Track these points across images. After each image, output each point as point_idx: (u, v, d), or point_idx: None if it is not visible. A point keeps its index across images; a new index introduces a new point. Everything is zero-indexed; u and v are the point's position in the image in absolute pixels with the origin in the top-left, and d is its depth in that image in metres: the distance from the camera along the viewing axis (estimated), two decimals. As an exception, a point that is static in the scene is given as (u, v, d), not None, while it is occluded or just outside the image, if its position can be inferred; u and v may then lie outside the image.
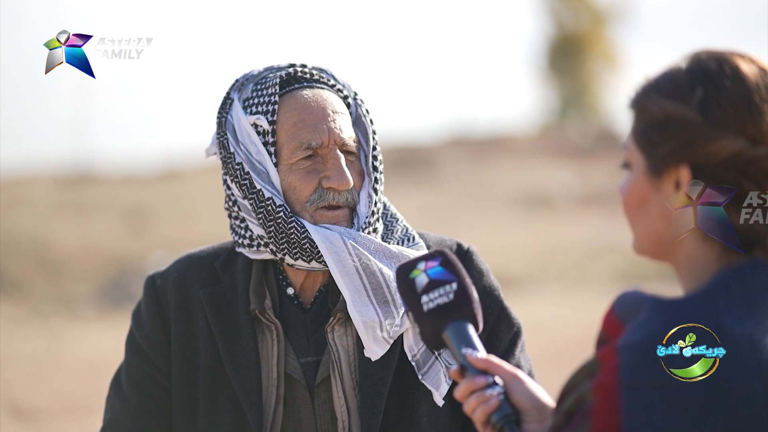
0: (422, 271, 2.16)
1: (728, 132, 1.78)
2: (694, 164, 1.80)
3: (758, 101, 1.79)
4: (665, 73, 1.85)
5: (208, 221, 19.22)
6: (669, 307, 1.75)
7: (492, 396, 2.04)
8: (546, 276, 17.10)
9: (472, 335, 2.11)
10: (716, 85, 1.80)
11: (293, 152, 2.63)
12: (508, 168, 26.36)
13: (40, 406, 10.39)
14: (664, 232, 1.84)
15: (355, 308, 2.59)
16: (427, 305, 2.13)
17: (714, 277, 1.78)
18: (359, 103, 2.72)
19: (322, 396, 2.64)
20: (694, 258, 1.83)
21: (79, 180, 23.84)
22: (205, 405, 2.67)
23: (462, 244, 2.74)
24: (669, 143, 1.81)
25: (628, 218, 1.89)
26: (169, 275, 2.74)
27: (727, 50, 1.85)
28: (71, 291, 16.48)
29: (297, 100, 2.65)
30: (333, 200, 2.63)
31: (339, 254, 2.60)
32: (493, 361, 2.07)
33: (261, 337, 2.66)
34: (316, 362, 2.66)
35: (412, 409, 2.64)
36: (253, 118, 2.64)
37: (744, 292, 1.76)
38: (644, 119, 1.84)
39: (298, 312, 2.69)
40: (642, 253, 1.89)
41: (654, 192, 1.84)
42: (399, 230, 2.72)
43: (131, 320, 2.76)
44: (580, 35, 38.76)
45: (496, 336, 2.69)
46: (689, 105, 1.80)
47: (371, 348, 2.60)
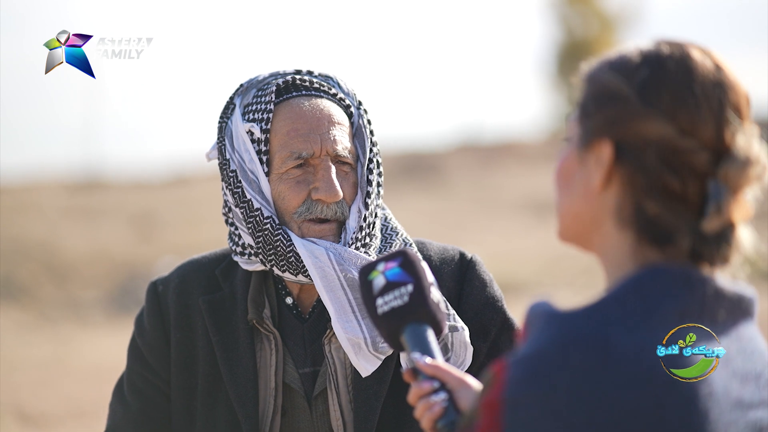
0: (380, 273, 2.12)
1: (659, 115, 1.72)
2: (619, 141, 1.74)
3: (699, 93, 1.73)
4: (623, 51, 1.80)
5: (215, 227, 19.22)
6: (559, 320, 1.69)
7: (436, 402, 2.01)
8: (554, 282, 17.06)
9: (429, 338, 2.07)
10: (661, 68, 1.74)
11: (284, 161, 2.60)
12: (516, 174, 26.34)
13: (48, 411, 10.39)
14: (585, 211, 1.79)
15: (339, 324, 2.56)
16: (381, 308, 2.08)
17: (614, 287, 1.71)
18: (361, 113, 2.67)
19: (319, 408, 2.62)
20: (611, 248, 1.77)
21: (88, 186, 23.86)
22: (203, 413, 2.65)
23: (465, 253, 2.71)
24: (600, 115, 1.76)
25: (556, 195, 1.83)
26: (170, 282, 2.72)
27: (693, 42, 1.79)
28: (79, 296, 16.49)
29: (292, 109, 2.62)
30: (321, 213, 2.60)
31: (324, 269, 2.57)
32: (440, 366, 2.04)
33: (259, 347, 2.64)
34: (313, 373, 2.63)
35: (407, 424, 2.61)
36: (248, 126, 2.61)
37: (640, 300, 1.69)
38: (588, 90, 1.80)
39: (297, 322, 2.66)
40: (565, 238, 1.84)
41: (579, 165, 1.78)
42: (397, 244, 2.68)
43: (134, 326, 2.75)
44: (589, 41, 38.72)
45: (498, 347, 2.66)
46: (630, 82, 1.75)
47: (359, 364, 2.57)
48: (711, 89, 1.74)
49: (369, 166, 2.65)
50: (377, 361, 2.57)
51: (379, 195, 2.67)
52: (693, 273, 1.72)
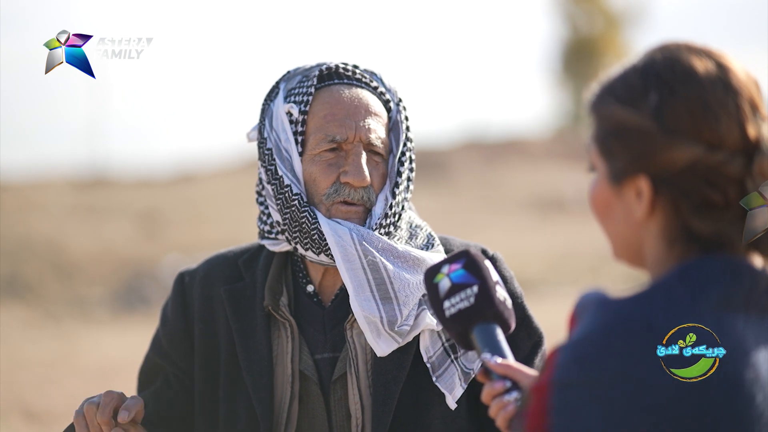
0: (445, 275, 2.14)
1: (684, 139, 1.73)
2: (652, 174, 1.75)
3: (714, 104, 1.73)
4: (621, 75, 1.80)
5: (221, 225, 19.24)
6: (607, 306, 1.73)
7: (509, 402, 2.03)
8: (560, 279, 17.06)
9: (498, 337, 2.09)
10: (670, 90, 1.74)
11: (318, 143, 2.66)
12: (522, 171, 26.33)
13: (53, 409, 10.39)
14: (631, 237, 1.81)
15: (357, 302, 2.61)
16: (448, 311, 2.11)
17: (663, 275, 1.75)
18: (400, 109, 2.74)
19: (338, 392, 2.66)
20: (660, 263, 1.80)
21: (94, 184, 23.88)
22: (225, 401, 2.71)
23: (487, 250, 2.74)
24: (625, 153, 1.77)
25: (598, 222, 1.86)
26: (197, 273, 2.79)
27: (685, 46, 1.78)
28: (85, 294, 16.50)
29: (332, 94, 2.69)
30: (348, 196, 2.65)
31: (346, 248, 2.62)
32: (512, 366, 2.06)
33: (276, 334, 2.69)
34: (332, 359, 2.67)
35: (425, 411, 2.64)
36: (288, 106, 2.68)
37: (686, 288, 1.72)
38: (602, 125, 1.80)
39: (317, 309, 2.71)
40: (620, 258, 1.86)
41: (616, 198, 1.80)
42: (422, 237, 2.73)
43: (160, 315, 2.83)
44: (595, 38, 38.71)
45: (515, 344, 2.66)
46: (643, 112, 1.75)
47: (375, 343, 2.61)
48: (723, 95, 1.74)
49: (401, 158, 2.70)
50: (394, 343, 2.61)
51: (408, 188, 2.72)
52: (740, 262, 1.75)
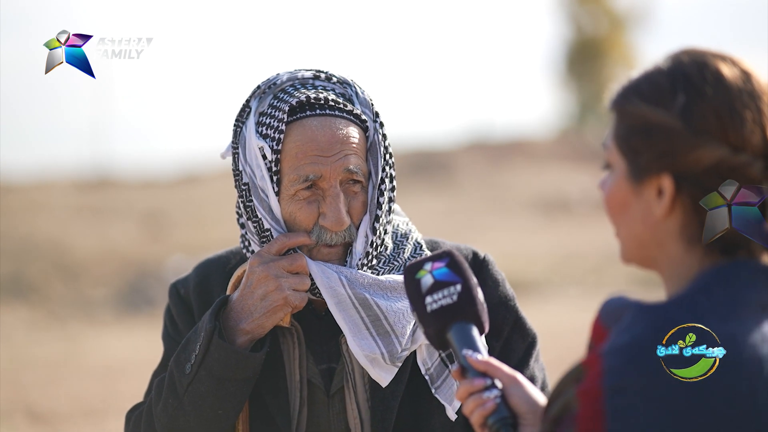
0: (428, 272, 2.18)
1: (710, 139, 1.77)
2: (676, 172, 1.79)
3: (740, 108, 1.77)
4: (646, 76, 1.84)
5: (225, 226, 19.24)
6: (652, 310, 1.75)
7: (489, 399, 2.04)
8: (564, 281, 17.06)
9: (475, 337, 2.12)
10: (698, 92, 1.78)
11: (292, 183, 2.58)
12: (526, 172, 26.33)
13: (57, 409, 10.40)
14: (647, 236, 1.83)
15: (356, 342, 2.59)
16: (430, 306, 2.14)
17: (696, 279, 1.77)
18: (377, 128, 2.64)
19: (336, 406, 2.64)
20: (677, 263, 1.82)
21: (98, 184, 23.90)
22: None
23: (478, 252, 2.73)
24: (651, 151, 1.80)
25: (611, 221, 1.88)
26: (189, 282, 2.75)
27: (709, 51, 1.83)
28: (89, 295, 16.52)
29: (304, 131, 2.58)
30: (330, 241, 2.60)
31: (335, 290, 2.59)
32: (492, 363, 2.07)
33: (282, 341, 2.67)
34: (329, 370, 2.66)
35: (425, 423, 2.63)
36: (260, 143, 2.59)
37: (726, 292, 1.75)
38: (625, 123, 1.83)
39: (314, 318, 2.69)
40: (629, 260, 1.88)
41: (635, 197, 1.83)
42: (409, 249, 2.69)
43: (165, 322, 2.78)
44: (599, 39, 38.70)
45: (510, 346, 2.69)
46: (670, 112, 1.78)
47: (378, 376, 2.60)
48: (748, 99, 1.78)
49: (380, 187, 2.63)
50: (395, 369, 2.60)
51: (389, 213, 2.66)
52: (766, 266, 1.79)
